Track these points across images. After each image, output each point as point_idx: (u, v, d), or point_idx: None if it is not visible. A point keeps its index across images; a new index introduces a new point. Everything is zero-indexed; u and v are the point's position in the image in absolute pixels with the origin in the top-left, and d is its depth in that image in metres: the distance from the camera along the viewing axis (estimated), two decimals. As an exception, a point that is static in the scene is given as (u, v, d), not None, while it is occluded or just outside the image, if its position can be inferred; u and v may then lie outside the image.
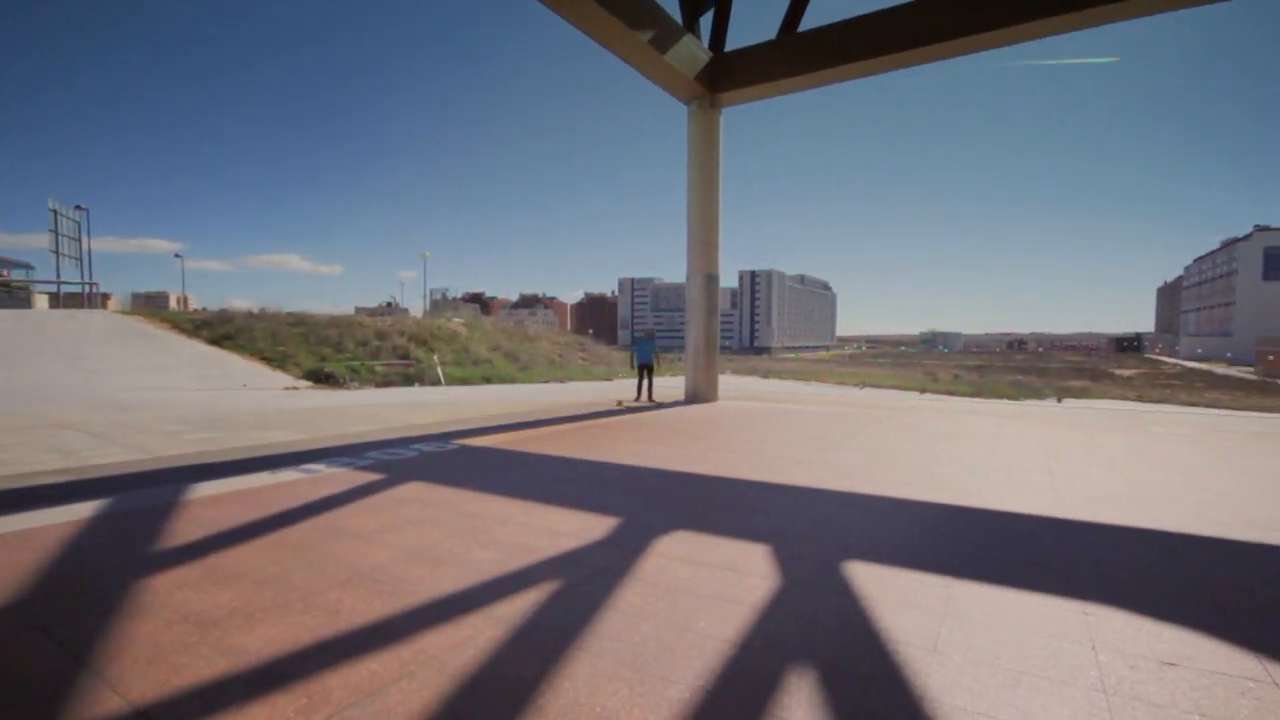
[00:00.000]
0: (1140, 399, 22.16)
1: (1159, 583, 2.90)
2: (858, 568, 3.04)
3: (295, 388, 14.90)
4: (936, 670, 2.11)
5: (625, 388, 14.85)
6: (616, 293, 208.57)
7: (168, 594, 2.67)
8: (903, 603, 2.65)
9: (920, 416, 9.01)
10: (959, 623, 2.46)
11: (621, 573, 2.96)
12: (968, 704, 1.91)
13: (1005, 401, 14.39)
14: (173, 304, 60.84)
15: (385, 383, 16.67)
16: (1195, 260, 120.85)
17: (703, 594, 2.72)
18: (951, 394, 17.64)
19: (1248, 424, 8.73)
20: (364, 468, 5.36)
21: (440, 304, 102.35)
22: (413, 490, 4.58)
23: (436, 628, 2.38)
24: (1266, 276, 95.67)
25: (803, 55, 9.89)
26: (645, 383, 11.49)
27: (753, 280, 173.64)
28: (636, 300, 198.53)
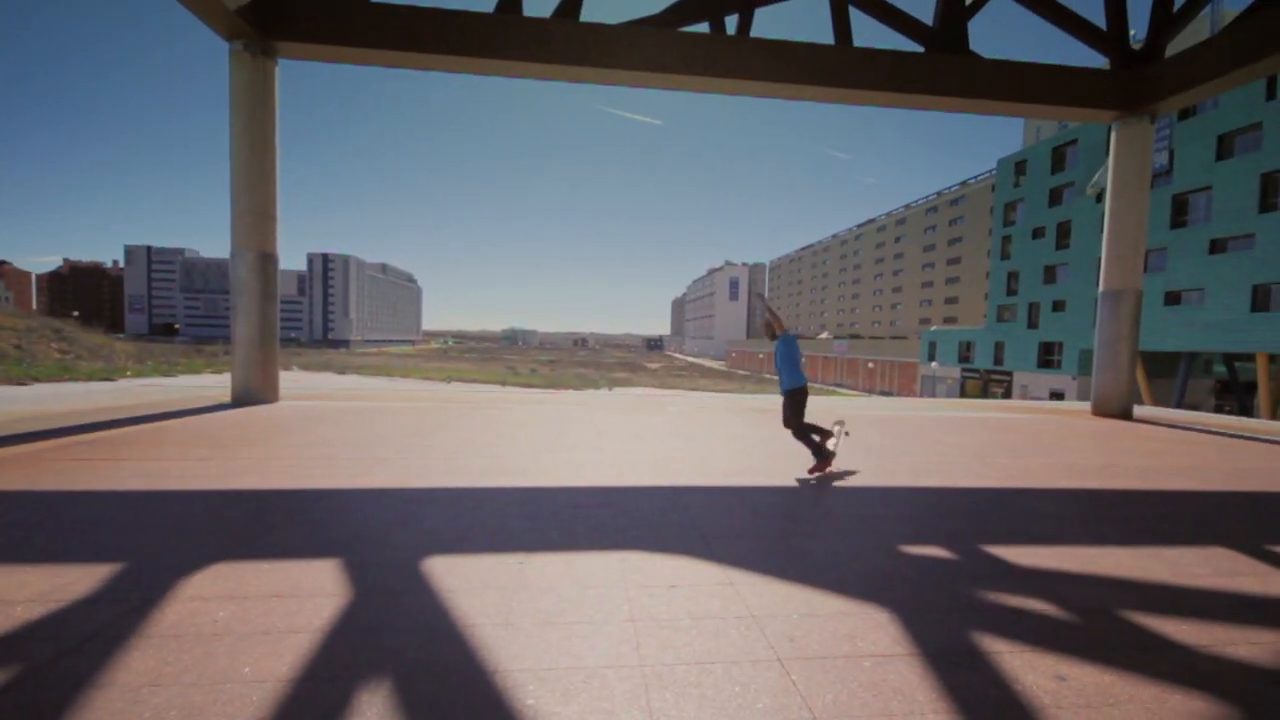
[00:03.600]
0: (661, 386, 29.04)
1: (669, 525, 3.78)
2: (439, 562, 3.02)
3: None
4: (508, 641, 2.26)
5: (154, 387, 11.33)
6: (122, 263, 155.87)
7: None
8: (481, 586, 2.75)
9: (501, 408, 9.63)
10: (529, 592, 2.70)
11: (125, 634, 2.22)
12: (533, 664, 2.11)
13: (571, 391, 16.71)
14: None
15: None
16: (694, 281, 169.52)
17: (250, 633, 2.26)
18: (529, 385, 19.51)
19: (724, 402, 12.28)
20: None
21: None
22: None
23: None
24: (730, 298, 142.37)
25: (370, 26, 9.16)
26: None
27: (325, 265, 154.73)
28: (157, 276, 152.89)
